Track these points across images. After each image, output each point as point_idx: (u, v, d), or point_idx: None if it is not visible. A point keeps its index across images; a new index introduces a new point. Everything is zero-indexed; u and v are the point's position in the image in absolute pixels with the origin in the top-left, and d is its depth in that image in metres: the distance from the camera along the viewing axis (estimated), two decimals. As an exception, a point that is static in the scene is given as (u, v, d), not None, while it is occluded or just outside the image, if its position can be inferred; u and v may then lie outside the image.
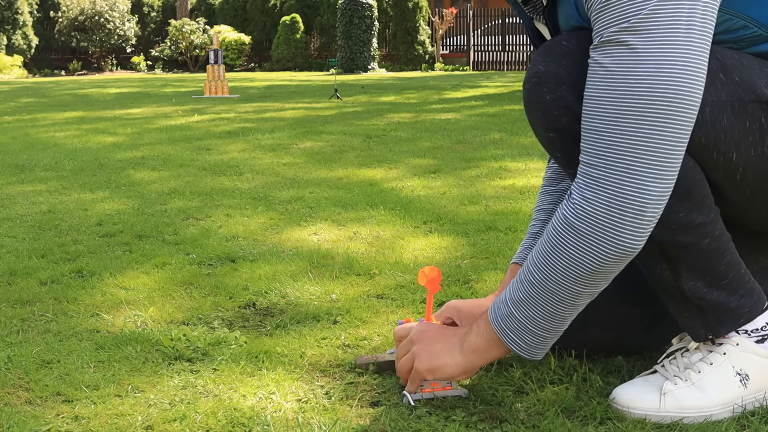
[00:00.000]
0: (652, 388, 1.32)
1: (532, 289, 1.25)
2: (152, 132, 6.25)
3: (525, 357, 1.28)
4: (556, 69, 1.23)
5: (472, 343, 1.32)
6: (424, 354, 1.36)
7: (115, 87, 14.19)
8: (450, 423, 1.29)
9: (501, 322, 1.28)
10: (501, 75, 17.89)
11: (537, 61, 1.26)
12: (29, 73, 23.65)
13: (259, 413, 1.34)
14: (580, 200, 1.17)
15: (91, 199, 3.40)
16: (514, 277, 1.52)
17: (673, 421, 1.28)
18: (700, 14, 1.10)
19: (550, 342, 1.28)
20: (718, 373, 1.31)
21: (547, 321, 1.25)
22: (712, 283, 1.28)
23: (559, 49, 1.25)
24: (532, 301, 1.25)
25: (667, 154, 1.13)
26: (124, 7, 25.62)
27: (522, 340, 1.27)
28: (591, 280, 1.21)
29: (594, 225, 1.17)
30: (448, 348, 1.35)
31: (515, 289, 1.28)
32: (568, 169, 1.28)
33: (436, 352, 1.35)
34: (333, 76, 16.29)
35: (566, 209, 1.20)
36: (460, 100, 9.33)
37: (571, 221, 1.19)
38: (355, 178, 3.88)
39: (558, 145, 1.26)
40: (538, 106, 1.25)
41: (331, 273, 2.19)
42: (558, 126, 1.24)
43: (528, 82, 1.26)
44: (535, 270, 1.24)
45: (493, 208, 3.06)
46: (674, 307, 1.32)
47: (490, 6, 24.91)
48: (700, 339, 1.33)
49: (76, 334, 1.73)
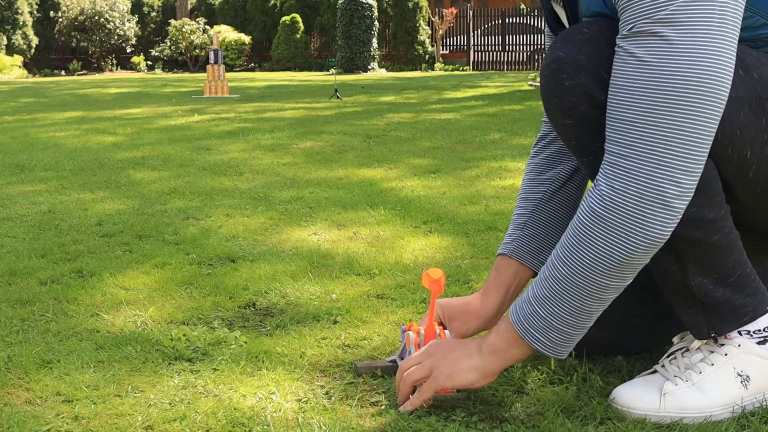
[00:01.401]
0: (653, 388, 1.31)
1: (557, 285, 1.23)
2: (152, 132, 6.25)
3: (549, 355, 1.27)
4: (576, 55, 1.21)
5: (491, 345, 1.30)
6: (443, 362, 1.32)
7: (114, 87, 14.19)
8: (450, 423, 1.29)
9: (524, 321, 1.26)
10: (501, 75, 17.89)
11: (556, 47, 1.24)
12: (29, 73, 23.65)
13: (259, 413, 1.34)
14: (609, 191, 1.16)
15: (91, 199, 3.40)
16: (501, 271, 1.53)
17: (673, 422, 1.28)
18: (732, 8, 1.11)
19: (576, 339, 1.27)
20: (719, 374, 1.31)
21: (574, 317, 1.24)
22: (718, 280, 1.27)
23: (579, 36, 1.24)
24: (558, 297, 1.23)
25: (698, 146, 1.13)
26: (124, 7, 25.61)
27: (547, 338, 1.25)
28: (619, 272, 1.20)
29: (623, 216, 1.16)
30: (466, 353, 1.32)
31: (539, 287, 1.26)
32: (582, 157, 1.27)
33: (455, 358, 1.32)
34: (333, 76, 16.29)
35: (593, 200, 1.19)
36: (460, 100, 9.33)
37: (599, 212, 1.18)
38: (355, 178, 3.88)
39: (574, 132, 1.25)
40: (555, 93, 1.24)
41: (331, 273, 2.19)
42: (575, 113, 1.22)
43: (546, 68, 1.25)
44: (561, 265, 1.23)
45: (493, 208, 3.06)
46: (678, 303, 1.32)
47: (490, 6, 24.92)
48: (703, 337, 1.32)
49: (76, 334, 1.73)
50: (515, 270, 1.53)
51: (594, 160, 1.25)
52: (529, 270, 1.53)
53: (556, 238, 1.51)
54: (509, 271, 1.53)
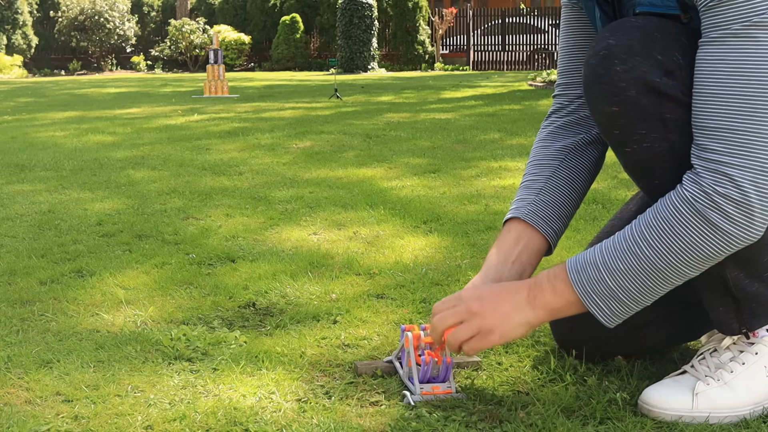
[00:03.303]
0: (684, 388, 1.32)
1: (636, 262, 1.22)
2: (152, 132, 6.25)
3: (602, 322, 1.26)
4: (628, 41, 1.20)
5: (547, 302, 1.28)
6: (492, 318, 1.29)
7: (114, 87, 14.19)
8: (450, 423, 1.29)
9: (587, 285, 1.25)
10: (500, 75, 17.89)
11: (605, 37, 1.23)
12: (29, 72, 23.66)
13: (259, 413, 1.34)
14: (712, 192, 1.16)
15: (90, 199, 3.39)
16: (515, 235, 1.47)
17: (705, 422, 1.29)
18: None
19: (631, 313, 1.26)
20: (750, 373, 1.32)
21: (642, 294, 1.23)
22: (753, 274, 1.28)
23: (628, 24, 1.23)
24: (633, 274, 1.22)
25: None
26: (124, 7, 25.63)
27: (609, 306, 1.24)
28: (705, 265, 1.21)
29: (728, 219, 1.16)
30: (516, 306, 1.29)
31: (612, 257, 1.24)
32: (624, 147, 1.26)
33: (506, 314, 1.29)
34: (333, 75, 16.29)
35: (694, 196, 1.18)
36: (460, 100, 9.33)
37: (703, 211, 1.17)
38: (354, 177, 3.88)
39: (620, 120, 1.23)
40: (605, 79, 1.21)
41: (331, 273, 2.19)
42: (623, 98, 1.21)
43: (596, 56, 1.23)
44: (645, 245, 1.21)
45: (493, 207, 3.06)
46: (709, 297, 1.32)
47: (490, 6, 24.93)
48: (734, 333, 1.33)
49: (76, 334, 1.73)
50: (522, 233, 1.47)
51: (637, 150, 1.24)
52: (541, 237, 1.47)
53: (568, 207, 1.48)
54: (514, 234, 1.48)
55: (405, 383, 1.43)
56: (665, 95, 1.19)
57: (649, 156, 1.24)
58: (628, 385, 1.43)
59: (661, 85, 1.19)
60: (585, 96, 1.28)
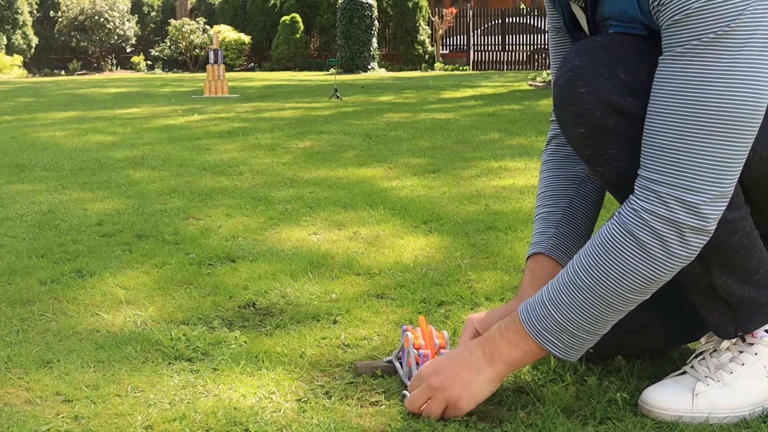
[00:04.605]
0: (683, 389, 1.32)
1: (578, 293, 1.23)
2: (152, 131, 6.25)
3: (561, 358, 1.27)
4: (591, 62, 1.21)
5: (504, 355, 1.28)
6: (455, 388, 1.28)
7: (114, 87, 14.19)
8: (450, 423, 1.29)
9: (536, 323, 1.25)
10: (500, 75, 17.89)
11: (571, 58, 1.24)
12: (29, 72, 23.65)
13: (259, 413, 1.34)
14: (642, 212, 1.17)
15: (90, 199, 3.39)
16: (536, 273, 1.47)
17: (705, 422, 1.29)
18: None
19: (589, 344, 1.27)
20: (749, 374, 1.32)
21: (591, 324, 1.24)
22: (743, 278, 1.28)
23: (593, 44, 1.23)
24: (578, 305, 1.23)
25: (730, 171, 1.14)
26: (124, 7, 25.62)
27: (561, 341, 1.25)
28: (645, 289, 1.21)
29: (657, 237, 1.16)
30: (475, 369, 1.29)
31: (556, 291, 1.25)
32: (596, 166, 1.26)
33: (466, 380, 1.29)
34: (333, 75, 16.29)
35: (627, 218, 1.19)
36: (459, 100, 9.33)
37: (632, 230, 1.18)
38: (354, 177, 3.88)
39: (588, 141, 1.24)
40: (570, 101, 1.22)
41: (331, 273, 2.19)
42: (589, 120, 1.21)
43: (561, 77, 1.24)
44: (585, 275, 1.22)
45: (493, 207, 3.06)
46: (702, 304, 1.32)
47: (490, 6, 24.92)
48: (730, 336, 1.33)
49: (76, 334, 1.73)
50: (551, 270, 1.47)
51: (608, 169, 1.24)
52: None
53: (585, 237, 1.49)
54: (546, 271, 1.48)
55: (405, 383, 1.43)
56: (629, 115, 1.20)
57: (619, 174, 1.24)
58: (628, 385, 1.43)
59: (624, 105, 1.19)
60: (556, 117, 1.29)
